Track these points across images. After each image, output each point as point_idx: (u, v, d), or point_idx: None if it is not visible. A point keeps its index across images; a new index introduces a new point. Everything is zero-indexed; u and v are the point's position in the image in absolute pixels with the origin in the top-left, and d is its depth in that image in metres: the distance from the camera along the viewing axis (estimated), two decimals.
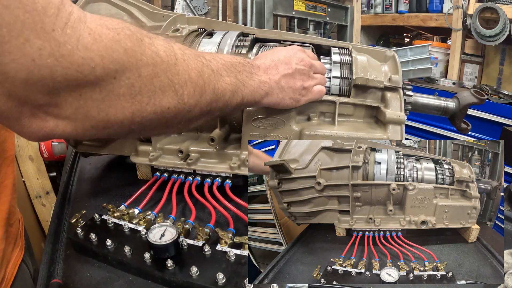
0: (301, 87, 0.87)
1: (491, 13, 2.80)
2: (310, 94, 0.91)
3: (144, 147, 1.10)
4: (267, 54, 0.87)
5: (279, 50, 0.89)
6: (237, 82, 0.72)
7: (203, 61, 0.65)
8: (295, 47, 0.92)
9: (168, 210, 0.97)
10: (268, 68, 0.82)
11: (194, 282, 0.73)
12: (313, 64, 0.90)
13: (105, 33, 0.49)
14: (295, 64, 0.86)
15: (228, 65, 0.72)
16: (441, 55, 3.46)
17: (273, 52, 0.88)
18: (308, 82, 0.89)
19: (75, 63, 0.46)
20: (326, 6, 3.27)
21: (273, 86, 0.82)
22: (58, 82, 0.46)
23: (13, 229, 0.97)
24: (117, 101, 0.52)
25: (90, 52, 0.47)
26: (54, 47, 0.44)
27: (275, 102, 0.85)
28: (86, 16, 0.48)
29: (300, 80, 0.87)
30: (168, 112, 0.59)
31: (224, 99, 0.69)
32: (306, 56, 0.90)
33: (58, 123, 0.51)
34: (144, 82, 0.54)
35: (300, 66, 0.86)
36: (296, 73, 0.86)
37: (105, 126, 0.54)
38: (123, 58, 0.50)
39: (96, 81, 0.49)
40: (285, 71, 0.84)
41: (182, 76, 0.59)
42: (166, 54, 0.57)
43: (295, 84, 0.86)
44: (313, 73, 0.91)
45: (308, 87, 0.90)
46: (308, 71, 0.89)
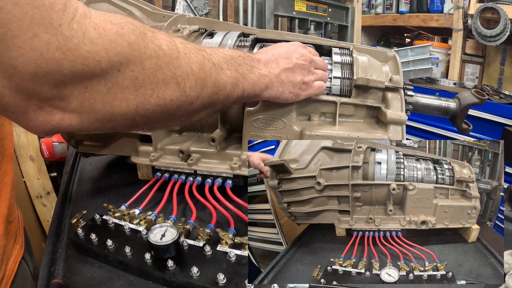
0: (301, 81, 0.88)
1: (492, 13, 2.80)
2: (310, 89, 0.92)
3: (145, 147, 1.11)
4: (268, 49, 0.88)
5: (280, 45, 0.90)
6: (238, 75, 0.74)
7: (204, 54, 0.66)
8: (296, 43, 0.93)
9: (168, 210, 0.97)
10: (269, 62, 0.83)
11: (194, 283, 0.73)
12: (313, 60, 0.91)
13: (109, 27, 0.50)
14: (296, 58, 0.87)
15: (228, 58, 0.73)
16: (442, 55, 3.46)
17: (274, 47, 0.89)
18: (308, 77, 0.90)
19: (81, 57, 0.47)
20: (326, 6, 3.27)
21: (273, 79, 0.83)
22: (65, 75, 0.47)
23: (12, 227, 0.97)
24: (121, 94, 0.54)
25: (95, 45, 0.48)
26: (61, 41, 0.45)
27: (275, 95, 0.85)
28: (91, 11, 0.50)
29: (300, 74, 0.88)
30: (171, 104, 0.60)
31: (225, 91, 0.71)
32: (307, 52, 0.91)
33: (64, 116, 0.52)
34: (148, 75, 0.55)
35: (300, 61, 0.87)
36: (297, 68, 0.87)
37: (110, 118, 0.55)
38: (127, 51, 0.52)
39: (101, 73, 0.50)
40: (286, 65, 0.85)
41: (184, 69, 0.60)
42: (169, 47, 0.58)
43: (295, 78, 0.87)
44: (314, 69, 0.92)
45: (308, 82, 0.90)
46: (308, 66, 0.90)
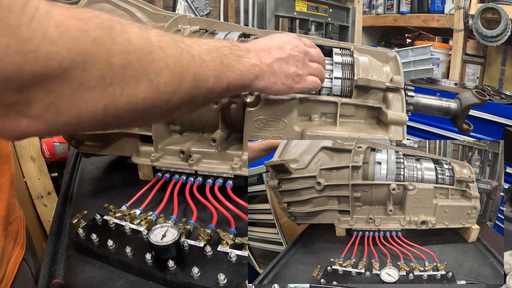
0: (295, 73, 0.85)
1: (493, 13, 2.80)
2: (304, 82, 0.88)
3: (146, 147, 1.11)
4: (260, 39, 0.86)
5: (273, 36, 0.87)
6: (222, 67, 0.69)
7: (182, 46, 0.62)
8: (290, 34, 0.90)
9: (169, 210, 0.97)
10: (260, 51, 0.80)
11: (195, 283, 0.74)
12: (308, 51, 0.88)
13: (72, 24, 0.47)
14: (290, 49, 0.84)
15: (212, 49, 0.68)
16: (442, 55, 3.46)
17: (267, 38, 0.86)
18: (303, 69, 0.87)
19: (41, 58, 0.44)
20: (327, 7, 3.27)
21: (265, 69, 0.79)
22: (27, 79, 0.45)
23: (12, 227, 0.97)
24: (88, 94, 0.50)
25: (56, 45, 0.45)
26: (21, 44, 0.43)
27: (265, 86, 0.81)
28: (54, 9, 0.47)
29: (294, 66, 0.85)
30: (144, 102, 0.56)
31: (207, 85, 0.66)
32: (301, 43, 0.88)
33: (31, 122, 0.49)
34: (116, 73, 0.51)
35: (294, 52, 0.84)
36: (290, 58, 0.84)
37: (78, 121, 0.52)
38: (92, 48, 0.48)
39: (64, 75, 0.47)
40: (279, 55, 0.82)
41: (158, 64, 0.56)
42: (140, 41, 0.54)
43: (288, 70, 0.83)
44: (309, 61, 0.89)
45: (302, 75, 0.87)
46: (303, 58, 0.87)
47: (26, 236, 1.08)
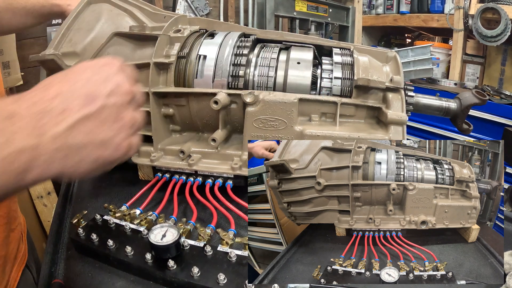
0: (115, 138, 0.53)
1: (493, 13, 2.80)
2: (129, 150, 0.56)
3: (146, 147, 1.11)
4: (53, 81, 0.51)
5: (77, 70, 0.54)
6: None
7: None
8: (108, 61, 0.56)
9: (169, 210, 0.97)
10: (42, 115, 0.47)
11: (195, 283, 0.73)
12: (135, 94, 0.56)
13: None
14: (106, 95, 0.52)
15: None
16: (442, 55, 3.46)
17: (65, 74, 0.53)
18: (124, 130, 0.54)
19: None
20: (327, 6, 3.27)
21: (47, 151, 0.46)
22: None
23: (15, 234, 0.95)
24: None
25: None
26: None
27: (53, 175, 0.49)
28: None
29: (112, 126, 0.52)
30: None
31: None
32: (125, 79, 0.55)
33: None
34: None
35: (115, 99, 0.52)
36: (106, 112, 0.51)
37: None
38: None
39: None
40: (84, 111, 0.49)
41: None
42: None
43: (104, 135, 0.51)
44: (134, 108, 0.56)
45: (128, 137, 0.55)
46: (126, 107, 0.54)
47: (27, 241, 1.07)
